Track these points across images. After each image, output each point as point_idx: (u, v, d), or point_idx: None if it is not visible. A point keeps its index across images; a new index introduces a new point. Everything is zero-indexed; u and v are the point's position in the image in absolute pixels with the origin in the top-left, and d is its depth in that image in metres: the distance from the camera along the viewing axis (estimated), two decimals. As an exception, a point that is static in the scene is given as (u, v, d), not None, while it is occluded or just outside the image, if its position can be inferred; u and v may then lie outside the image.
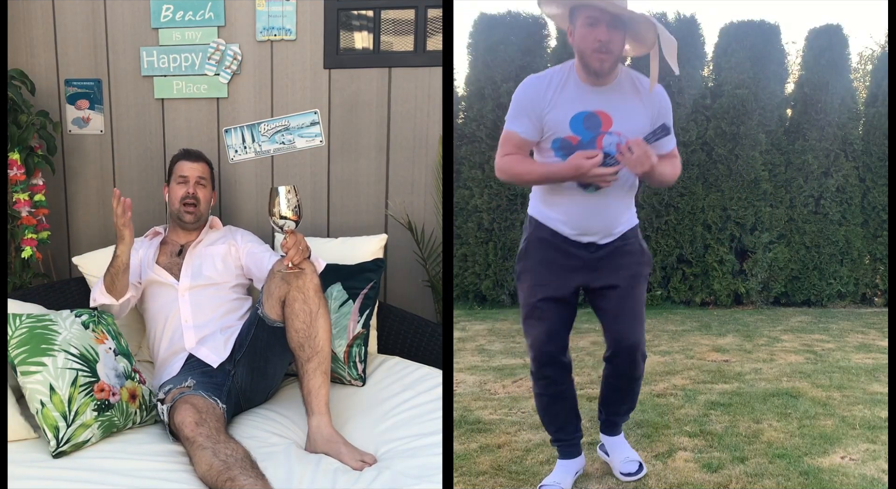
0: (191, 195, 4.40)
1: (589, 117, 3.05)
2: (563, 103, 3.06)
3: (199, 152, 4.58)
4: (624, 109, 3.07)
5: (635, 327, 3.26)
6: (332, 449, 3.51)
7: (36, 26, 5.17)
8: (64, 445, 3.44)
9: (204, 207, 4.45)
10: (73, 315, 3.85)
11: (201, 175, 4.46)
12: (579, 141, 3.06)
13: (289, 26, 4.87)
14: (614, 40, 2.94)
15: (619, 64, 3.06)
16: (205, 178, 4.48)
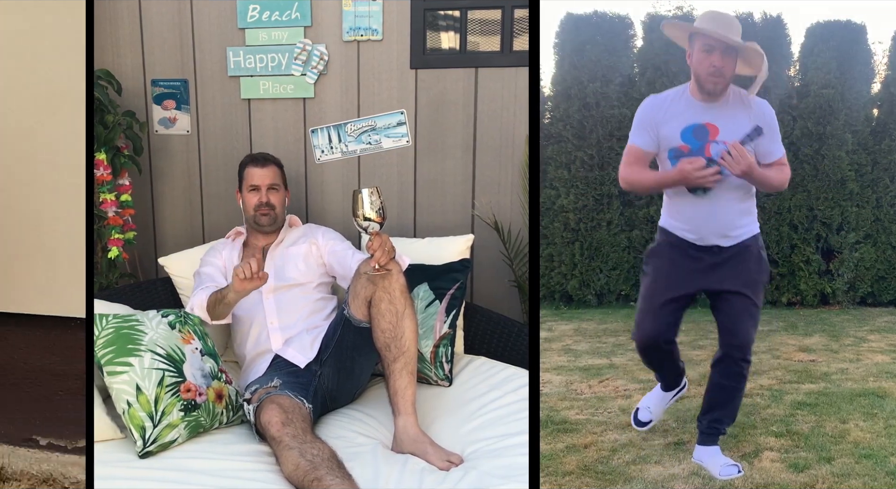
0: (265, 203, 4.42)
1: (698, 128, 3.39)
2: (676, 117, 3.42)
3: (266, 155, 4.59)
4: (729, 121, 3.37)
5: (749, 329, 3.46)
6: (419, 449, 3.50)
7: (122, 26, 5.22)
8: (150, 445, 3.46)
9: (279, 210, 4.47)
10: (160, 315, 3.87)
11: (272, 181, 4.47)
12: (690, 149, 3.40)
13: (375, 26, 4.88)
14: (727, 66, 3.31)
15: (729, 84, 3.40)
16: (276, 182, 4.49)
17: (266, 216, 4.41)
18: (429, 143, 4.95)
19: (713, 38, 3.27)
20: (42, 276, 4.74)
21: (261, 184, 4.43)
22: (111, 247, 4.87)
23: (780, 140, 3.50)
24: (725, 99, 3.41)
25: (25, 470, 4.56)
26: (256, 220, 4.43)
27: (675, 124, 3.42)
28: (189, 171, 5.35)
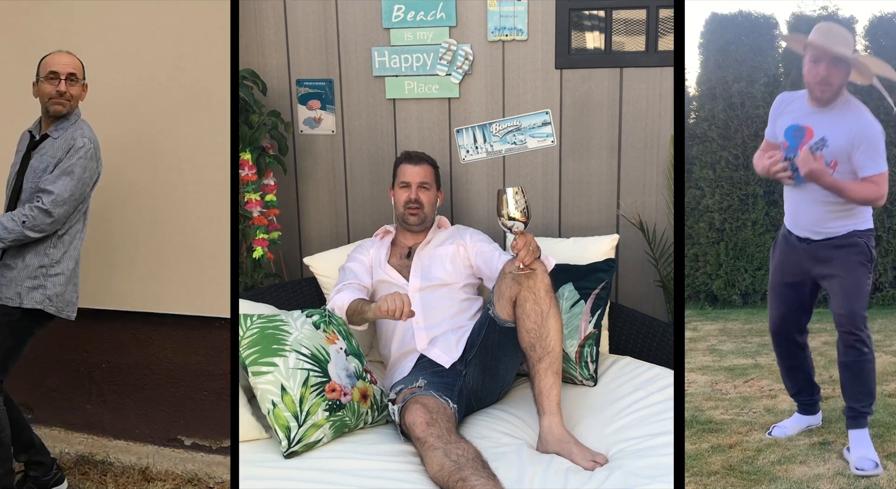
0: (413, 200, 4.45)
1: (798, 129, 3.72)
2: (788, 115, 3.79)
3: (421, 154, 4.61)
4: (829, 127, 3.64)
5: (851, 302, 3.69)
6: (564, 449, 3.49)
7: (267, 26, 5.28)
8: (295, 445, 3.50)
9: (429, 210, 4.49)
10: (304, 315, 3.91)
11: (423, 179, 4.49)
12: (787, 146, 3.74)
13: (520, 26, 4.88)
14: (833, 75, 3.60)
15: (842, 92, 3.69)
16: (427, 181, 4.50)
17: (415, 215, 4.44)
18: (573, 143, 4.94)
19: (821, 50, 3.57)
20: (187, 277, 4.79)
21: (412, 181, 4.47)
22: (256, 247, 4.91)
23: (878, 158, 3.62)
24: (833, 106, 3.68)
25: (170, 470, 4.69)
26: (405, 218, 4.47)
27: (784, 121, 3.79)
28: (334, 171, 5.38)
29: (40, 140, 4.15)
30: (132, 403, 4.98)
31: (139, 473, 4.70)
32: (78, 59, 4.17)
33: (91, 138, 4.08)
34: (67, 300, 4.14)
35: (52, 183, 3.96)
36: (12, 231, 3.92)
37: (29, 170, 4.12)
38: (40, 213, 3.92)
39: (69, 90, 4.08)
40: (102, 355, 5.00)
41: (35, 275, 4.04)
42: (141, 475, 4.69)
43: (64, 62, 4.11)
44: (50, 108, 4.12)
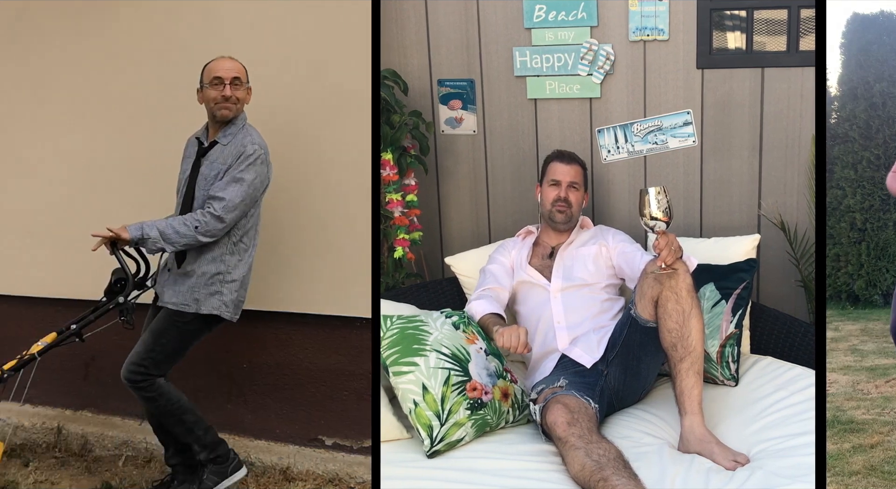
0: (562, 199, 4.47)
1: None
2: None
3: (573, 154, 4.63)
4: None
5: None
6: (705, 449, 3.51)
7: (409, 27, 5.32)
8: (438, 444, 3.56)
9: (576, 209, 4.50)
10: (444, 315, 3.99)
11: (574, 179, 4.51)
12: None
13: (661, 26, 4.88)
14: None
15: None
16: (577, 181, 4.52)
17: (562, 213, 4.46)
18: (715, 143, 4.94)
19: None
20: (328, 277, 4.82)
21: (562, 180, 4.49)
22: (397, 247, 4.94)
23: None
24: None
25: (311, 469, 4.74)
26: (552, 216, 4.49)
27: None
28: (475, 171, 5.42)
29: (209, 147, 4.26)
30: (273, 403, 5.05)
31: (280, 473, 4.79)
32: (241, 63, 4.29)
33: (261, 144, 4.19)
34: (238, 304, 4.28)
35: (223, 189, 4.09)
36: (185, 235, 4.04)
37: (200, 177, 4.23)
38: (212, 219, 4.04)
39: (234, 94, 4.19)
40: (244, 355, 5.10)
41: (212, 282, 4.17)
42: (282, 475, 4.77)
43: (227, 67, 4.22)
44: (217, 113, 4.22)
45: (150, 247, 4.14)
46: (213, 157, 4.21)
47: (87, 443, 5.27)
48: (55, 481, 4.82)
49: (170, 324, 4.21)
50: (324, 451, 4.87)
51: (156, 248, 4.13)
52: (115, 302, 4.24)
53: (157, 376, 4.19)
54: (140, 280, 4.39)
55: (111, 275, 4.31)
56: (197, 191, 4.22)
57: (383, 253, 5.09)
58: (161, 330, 4.22)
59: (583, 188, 4.57)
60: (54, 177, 5.51)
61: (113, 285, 4.30)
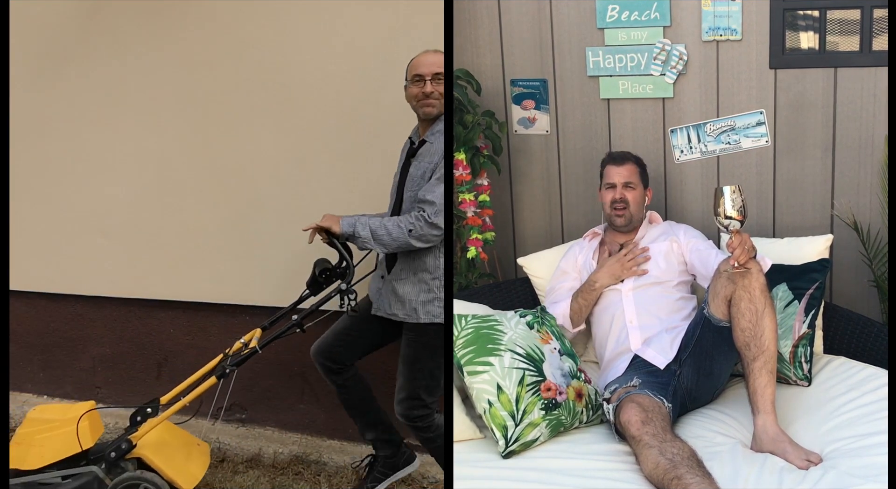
0: (619, 200, 4.51)
1: None
2: None
3: (626, 153, 4.68)
4: None
5: None
6: (778, 448, 3.53)
7: (482, 26, 5.33)
8: (513, 445, 3.58)
9: (635, 209, 4.54)
10: (518, 315, 4.00)
11: (628, 179, 4.55)
12: None
13: (734, 26, 4.89)
14: None
15: None
16: (632, 181, 4.55)
17: (621, 216, 4.51)
18: (787, 144, 4.93)
19: None
20: None
21: (616, 182, 4.54)
22: (470, 247, 4.94)
23: None
24: None
25: None
26: (612, 220, 4.54)
27: None
28: (548, 172, 5.43)
29: (419, 146, 4.25)
30: None
31: (353, 473, 4.83)
32: None
33: None
34: None
35: (432, 191, 4.02)
36: (397, 238, 3.99)
37: (408, 177, 4.21)
38: (426, 225, 3.97)
39: (436, 89, 4.14)
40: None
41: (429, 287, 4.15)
42: (355, 475, 4.81)
43: (429, 62, 4.17)
44: (419, 111, 4.22)
45: (360, 246, 4.11)
46: (422, 157, 4.19)
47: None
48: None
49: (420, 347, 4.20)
50: (396, 451, 4.91)
51: (365, 247, 4.12)
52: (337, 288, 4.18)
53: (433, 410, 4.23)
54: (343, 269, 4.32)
55: (314, 267, 4.30)
56: (406, 192, 4.20)
57: (456, 253, 5.11)
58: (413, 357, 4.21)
59: (641, 186, 4.60)
60: (128, 177, 5.63)
61: (318, 276, 4.30)
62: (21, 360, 5.89)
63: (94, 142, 5.72)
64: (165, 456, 4.22)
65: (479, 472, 3.51)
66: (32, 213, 5.92)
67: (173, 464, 4.24)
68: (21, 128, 5.79)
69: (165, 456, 4.22)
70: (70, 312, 5.92)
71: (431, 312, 4.12)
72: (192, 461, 4.40)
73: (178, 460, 4.32)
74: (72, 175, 5.79)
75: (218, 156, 5.25)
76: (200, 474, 4.36)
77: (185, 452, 4.42)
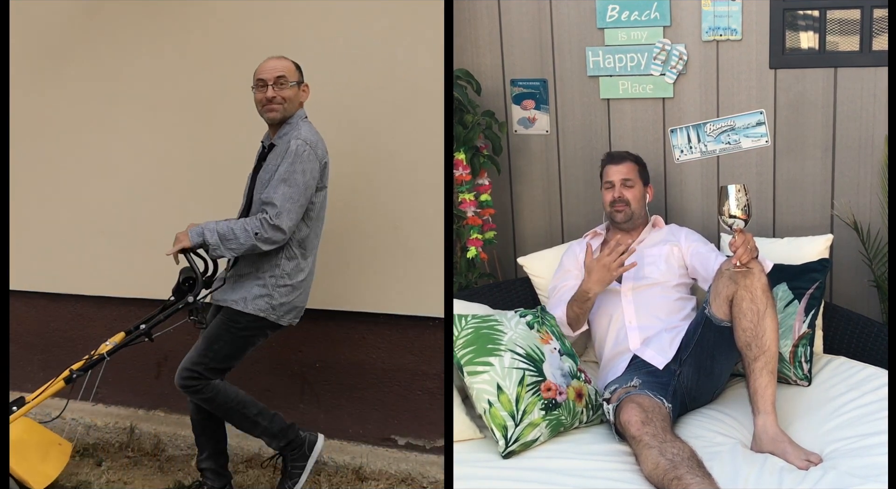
0: (617, 199, 4.51)
1: None
2: None
3: (624, 152, 4.69)
4: None
5: None
6: (778, 448, 3.54)
7: (482, 26, 5.33)
8: (513, 445, 3.59)
9: (636, 206, 4.54)
10: (518, 315, 4.01)
11: (625, 176, 4.55)
12: None
13: (734, 26, 4.89)
14: None
15: None
16: (630, 178, 4.56)
17: (620, 212, 4.51)
18: (788, 144, 4.93)
19: None
20: (401, 276, 4.88)
21: (615, 180, 4.54)
22: (470, 246, 4.96)
23: None
24: None
25: (384, 469, 4.78)
26: (612, 217, 4.55)
27: None
28: (548, 172, 5.43)
29: (269, 150, 4.25)
30: (345, 403, 5.09)
31: (353, 473, 4.81)
32: (290, 60, 4.25)
33: (307, 139, 4.11)
34: (291, 309, 4.26)
35: (273, 193, 4.03)
36: (245, 242, 4.01)
37: (257, 181, 4.22)
38: (269, 227, 3.98)
39: (279, 94, 4.14)
40: (316, 355, 5.13)
41: (264, 284, 4.16)
42: (354, 475, 4.80)
43: (270, 67, 4.18)
44: (264, 116, 4.22)
45: (212, 254, 4.14)
46: (269, 160, 4.19)
47: (160, 443, 5.33)
48: (127, 481, 4.89)
49: (224, 329, 4.21)
50: (396, 451, 4.92)
51: (217, 255, 4.14)
52: (185, 301, 4.24)
53: (210, 380, 4.20)
54: (208, 279, 4.39)
55: (179, 275, 4.32)
56: (255, 195, 4.21)
57: (456, 252, 5.11)
58: (215, 335, 4.22)
59: (641, 183, 4.60)
60: (128, 177, 5.62)
61: (181, 284, 4.32)
62: (21, 360, 5.88)
63: (93, 142, 5.70)
64: (19, 455, 4.23)
65: (479, 472, 3.50)
66: (32, 213, 5.91)
67: (25, 464, 4.28)
68: (21, 128, 5.77)
69: (19, 455, 4.23)
70: (70, 312, 5.91)
71: (258, 306, 4.15)
72: (48, 461, 4.46)
73: (33, 460, 4.36)
74: (72, 175, 5.77)
75: (218, 155, 5.23)
76: (55, 474, 4.44)
77: (41, 452, 4.47)
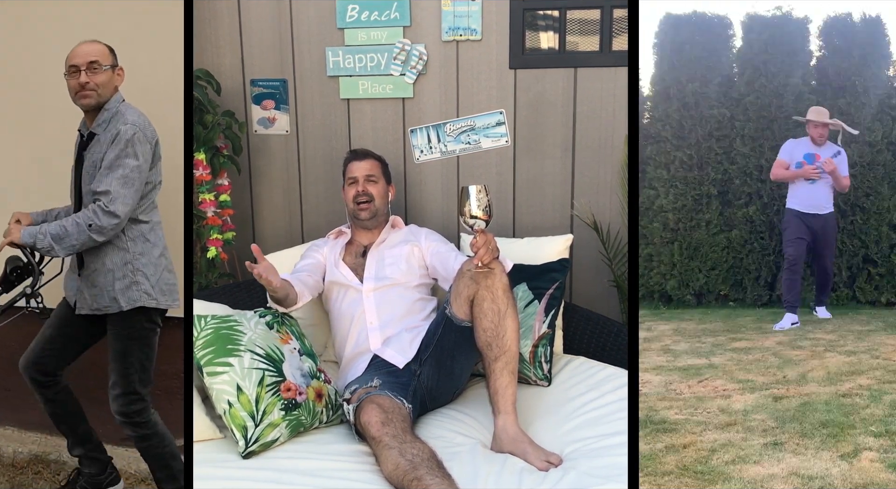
0: (361, 193, 4.45)
1: (810, 155, 6.59)
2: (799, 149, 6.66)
3: (366, 150, 4.64)
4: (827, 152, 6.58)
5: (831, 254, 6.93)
6: (518, 448, 3.51)
7: (222, 26, 5.28)
8: (253, 445, 3.51)
9: (379, 203, 4.49)
10: (257, 315, 3.94)
11: (369, 172, 4.50)
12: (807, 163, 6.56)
13: (474, 26, 4.90)
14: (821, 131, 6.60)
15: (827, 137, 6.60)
16: (374, 174, 4.51)
17: (365, 209, 4.44)
18: (528, 143, 4.96)
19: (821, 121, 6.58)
20: None
21: (358, 176, 4.48)
22: (210, 247, 4.92)
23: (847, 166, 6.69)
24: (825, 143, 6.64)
25: (123, 469, 4.67)
26: (356, 214, 4.47)
27: (799, 151, 6.63)
28: (288, 172, 5.40)
29: (88, 139, 4.00)
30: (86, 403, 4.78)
31: None
32: (104, 44, 4.01)
33: (135, 122, 3.89)
34: (166, 289, 4.03)
35: (104, 180, 3.77)
36: (79, 238, 3.76)
37: (84, 172, 3.94)
38: (104, 215, 3.74)
39: (92, 79, 3.90)
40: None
41: (123, 274, 3.91)
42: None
43: (83, 52, 3.93)
44: (77, 103, 3.97)
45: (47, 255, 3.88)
46: (93, 149, 3.93)
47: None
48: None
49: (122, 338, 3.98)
50: (136, 451, 4.71)
51: (53, 256, 3.86)
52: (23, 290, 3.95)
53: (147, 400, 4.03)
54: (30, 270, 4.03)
55: (5, 265, 4.01)
56: (83, 186, 3.92)
57: (196, 253, 5.05)
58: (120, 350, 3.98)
59: (384, 180, 4.57)
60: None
61: (8, 275, 4.01)
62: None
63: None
64: None
65: (219, 472, 3.40)
66: None
67: None
68: None
69: None
70: None
71: (132, 298, 3.91)
72: None
73: None
74: None
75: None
76: None
77: None
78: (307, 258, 4.47)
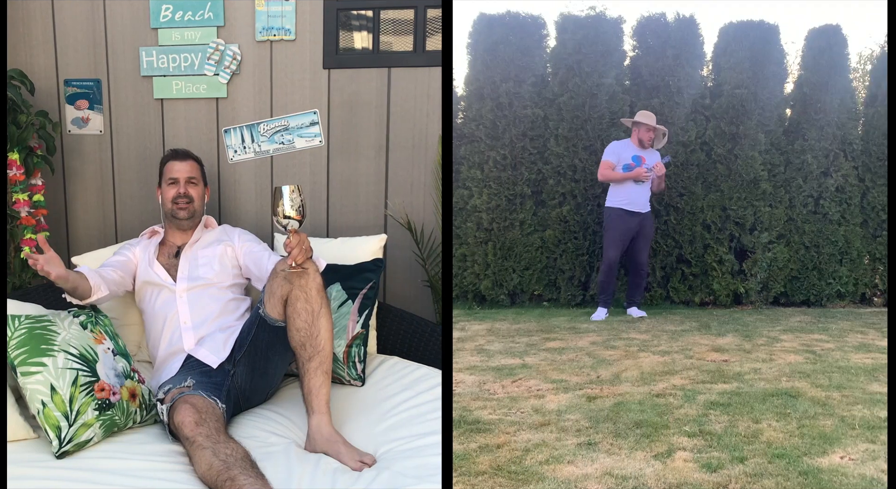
0: (182, 194, 4.39)
1: (637, 157, 6.87)
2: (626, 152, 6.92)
3: (187, 151, 4.59)
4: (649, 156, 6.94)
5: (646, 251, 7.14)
6: (332, 448, 3.53)
7: (35, 26, 5.19)
8: (66, 445, 3.45)
9: (198, 204, 4.46)
10: (71, 315, 3.89)
11: (191, 174, 4.45)
12: (634, 165, 6.85)
13: (288, 26, 4.89)
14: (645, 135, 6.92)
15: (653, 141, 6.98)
16: (195, 176, 4.47)
17: (184, 209, 4.39)
18: (342, 143, 4.97)
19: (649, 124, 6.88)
20: None
21: (180, 177, 4.42)
22: (24, 246, 4.82)
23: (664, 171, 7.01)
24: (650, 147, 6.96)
25: None
26: (174, 214, 4.40)
27: (627, 154, 6.88)
28: (102, 171, 5.33)
29: None
30: None
31: None
32: None
33: None
34: None
35: None
36: None
37: None
38: None
39: None
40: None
41: None
42: None
43: None
44: None
45: None
46: None
47: None
48: None
49: None
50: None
51: None
52: None
53: None
54: None
55: None
56: None
57: (10, 253, 4.98)
58: None
59: (202, 183, 4.53)
60: None
61: None
62: None
63: None
64: None
65: (32, 473, 3.34)
66: None
67: None
68: None
69: None
70: None
71: None
72: None
73: None
74: None
75: None
76: None
77: None
78: (117, 255, 4.41)
